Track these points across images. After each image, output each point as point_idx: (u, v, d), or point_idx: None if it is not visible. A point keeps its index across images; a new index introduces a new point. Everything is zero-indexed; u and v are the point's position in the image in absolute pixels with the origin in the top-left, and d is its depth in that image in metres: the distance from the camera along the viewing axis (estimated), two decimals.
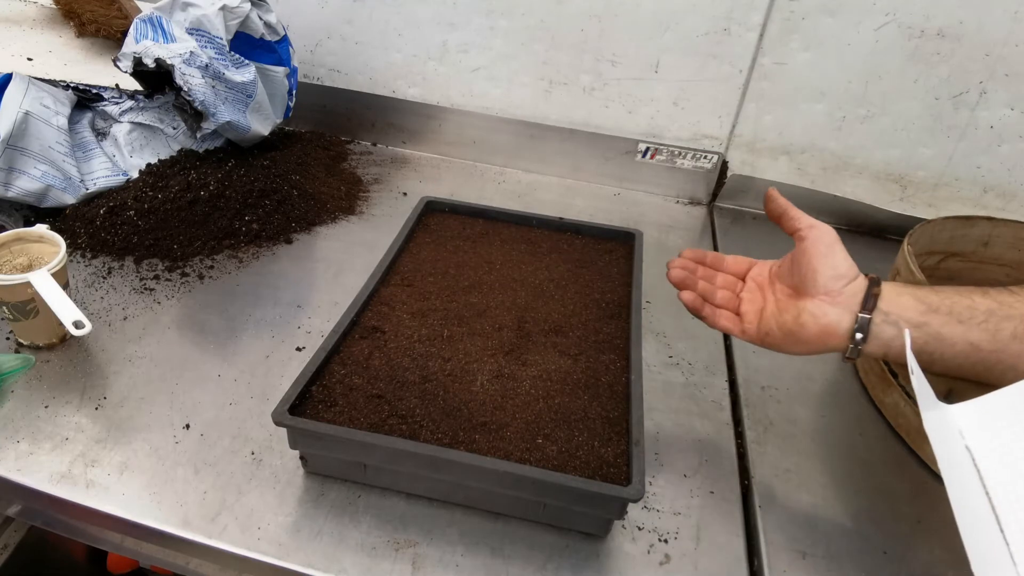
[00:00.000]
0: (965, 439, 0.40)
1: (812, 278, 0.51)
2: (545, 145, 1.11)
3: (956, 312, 0.48)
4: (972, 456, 0.39)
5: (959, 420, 0.41)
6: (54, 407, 0.61)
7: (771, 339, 0.54)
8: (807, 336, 0.51)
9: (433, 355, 0.62)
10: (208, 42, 0.86)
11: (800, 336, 0.52)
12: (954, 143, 0.97)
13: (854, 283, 0.51)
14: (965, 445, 0.39)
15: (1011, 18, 0.87)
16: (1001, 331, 0.47)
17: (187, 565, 0.61)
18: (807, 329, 0.51)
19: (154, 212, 0.82)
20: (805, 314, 0.51)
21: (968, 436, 0.40)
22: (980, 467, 0.39)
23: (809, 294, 0.52)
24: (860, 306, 0.50)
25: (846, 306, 0.50)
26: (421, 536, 0.53)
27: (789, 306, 0.53)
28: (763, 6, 0.93)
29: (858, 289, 0.51)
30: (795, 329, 0.52)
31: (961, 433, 0.40)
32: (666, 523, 0.56)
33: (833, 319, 0.50)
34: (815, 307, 0.51)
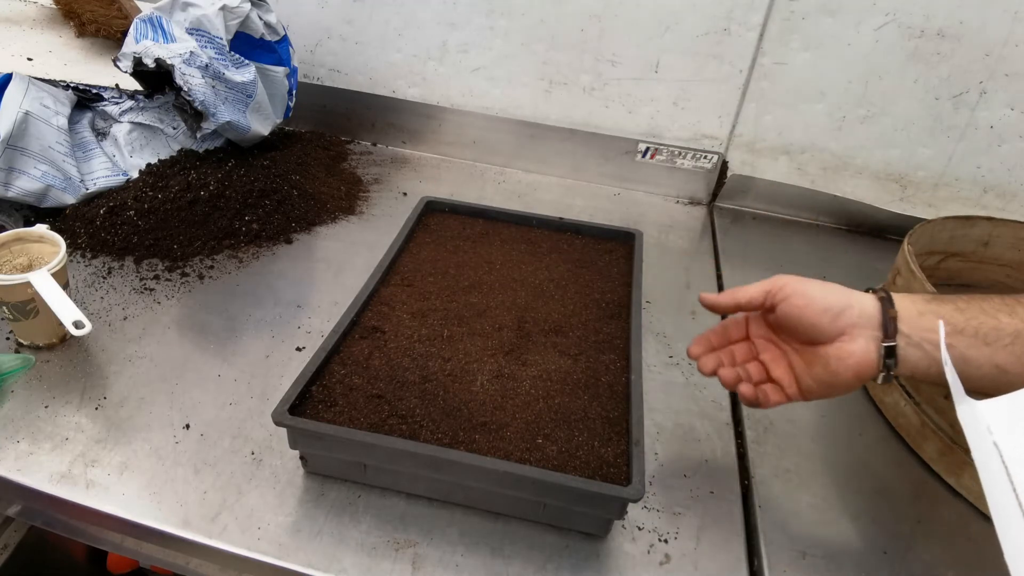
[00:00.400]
0: (993, 435, 0.39)
1: (816, 331, 0.49)
2: (545, 145, 1.11)
3: (982, 334, 0.46)
4: (1000, 452, 0.39)
5: (987, 416, 0.40)
6: (54, 407, 0.61)
7: (814, 394, 0.52)
8: (845, 380, 0.49)
9: (433, 355, 0.62)
10: (208, 42, 0.86)
11: (838, 383, 0.49)
12: (954, 143, 0.97)
13: (862, 307, 0.49)
14: (993, 441, 0.39)
15: (1011, 18, 0.87)
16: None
17: (187, 565, 0.61)
18: (841, 375, 0.49)
19: (154, 212, 0.82)
20: (833, 362, 0.49)
21: (996, 432, 0.39)
22: (1008, 464, 0.38)
23: (824, 342, 0.50)
24: (882, 332, 0.48)
25: (868, 336, 0.48)
26: (421, 536, 0.53)
27: (814, 359, 0.51)
28: (763, 6, 0.93)
29: (871, 311, 0.48)
30: (831, 379, 0.49)
31: (989, 429, 0.39)
32: (666, 523, 0.56)
33: (861, 356, 0.48)
34: (838, 351, 0.49)
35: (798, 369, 0.52)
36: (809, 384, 0.51)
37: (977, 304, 0.47)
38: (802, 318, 0.50)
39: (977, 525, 0.58)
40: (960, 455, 0.60)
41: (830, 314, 0.49)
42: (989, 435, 0.39)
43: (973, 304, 0.47)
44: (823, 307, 0.49)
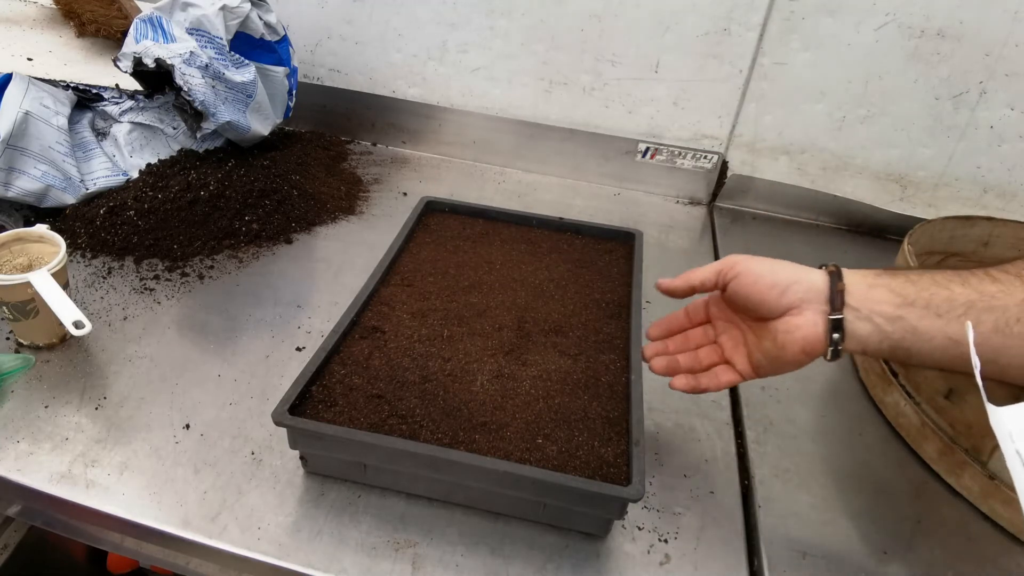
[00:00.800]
0: (1015, 443, 0.39)
1: (765, 307, 0.50)
2: (545, 145, 1.11)
3: (934, 305, 0.45)
4: (1022, 459, 0.38)
5: (1008, 423, 0.40)
6: (54, 407, 0.61)
7: (764, 370, 0.53)
8: (792, 355, 0.50)
9: (433, 355, 0.62)
10: (208, 42, 0.86)
11: (786, 357, 0.50)
12: (954, 143, 0.97)
13: (810, 281, 0.49)
14: (1015, 449, 0.39)
15: (1011, 18, 0.87)
16: (982, 324, 0.44)
17: (187, 565, 0.61)
18: (789, 348, 0.49)
19: (154, 212, 0.82)
20: (780, 335, 0.50)
21: (1018, 440, 0.39)
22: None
23: (774, 318, 0.50)
24: (829, 305, 0.48)
25: (815, 310, 0.49)
26: (421, 536, 0.53)
27: (764, 332, 0.52)
28: (763, 6, 0.93)
29: (820, 285, 0.49)
30: (779, 353, 0.50)
31: (1011, 436, 0.39)
32: (666, 523, 0.56)
33: (809, 329, 0.48)
34: (785, 324, 0.49)
35: (751, 345, 0.53)
36: (759, 359, 0.52)
37: (929, 276, 0.47)
38: (751, 295, 0.51)
39: (977, 525, 0.58)
40: (960, 455, 0.60)
41: (777, 289, 0.49)
42: (1012, 442, 0.39)
43: (925, 276, 0.47)
44: (771, 283, 0.50)
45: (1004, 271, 0.46)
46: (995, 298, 0.44)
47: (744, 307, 0.53)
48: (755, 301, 0.51)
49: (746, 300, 0.51)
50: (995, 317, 0.44)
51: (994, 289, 0.45)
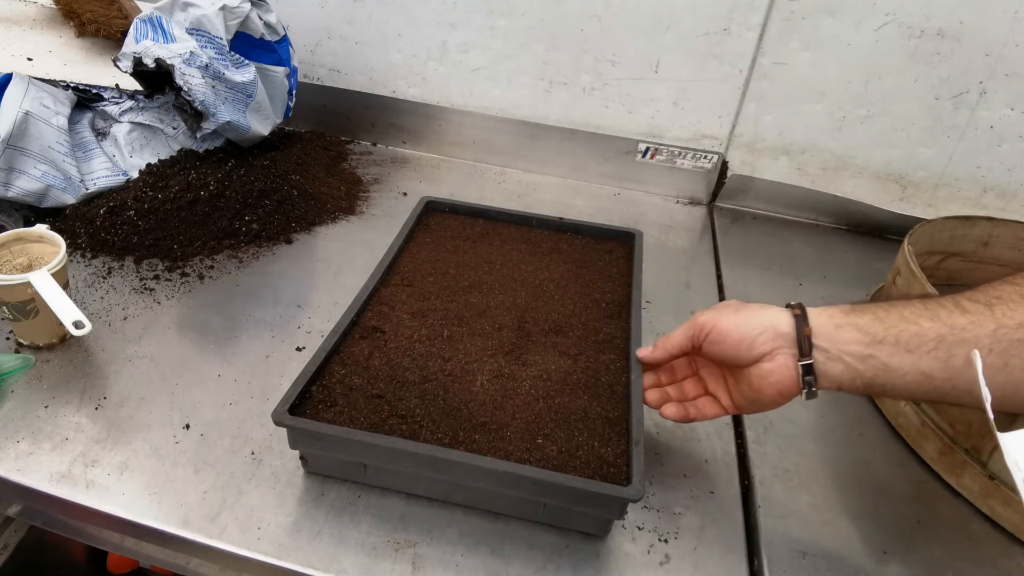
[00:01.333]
0: (1022, 471, 0.38)
1: (738, 360, 0.52)
2: (545, 145, 1.11)
3: (903, 341, 0.45)
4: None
5: (1013, 451, 0.39)
6: (54, 407, 0.61)
7: (745, 409, 0.55)
8: (769, 398, 0.51)
9: (433, 355, 0.62)
10: (208, 42, 0.86)
11: (763, 400, 0.52)
12: (954, 143, 0.97)
13: (776, 329, 0.50)
14: (1022, 478, 0.38)
15: (1011, 18, 0.87)
16: (953, 357, 0.44)
17: (187, 565, 0.61)
18: (765, 392, 0.51)
19: (154, 212, 0.82)
20: (755, 380, 0.51)
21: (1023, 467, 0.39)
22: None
23: (748, 365, 0.52)
24: (798, 350, 0.49)
25: (786, 354, 0.49)
26: (421, 536, 0.53)
27: (741, 377, 0.53)
28: (763, 6, 0.93)
29: (787, 330, 0.49)
30: (755, 396, 0.52)
31: (1017, 465, 0.39)
32: (666, 523, 0.56)
33: (782, 374, 0.49)
34: (759, 370, 0.51)
35: (731, 387, 0.55)
36: (739, 400, 0.54)
37: (897, 312, 0.47)
38: (723, 352, 0.52)
39: (977, 525, 0.59)
40: (960, 455, 0.60)
41: (746, 343, 0.51)
42: (1019, 471, 0.38)
43: (893, 312, 0.47)
44: (739, 338, 0.51)
45: (974, 300, 0.45)
46: (965, 330, 0.44)
47: (719, 361, 0.55)
48: (729, 356, 0.52)
49: (720, 357, 0.53)
50: (966, 351, 0.44)
51: (964, 321, 0.44)
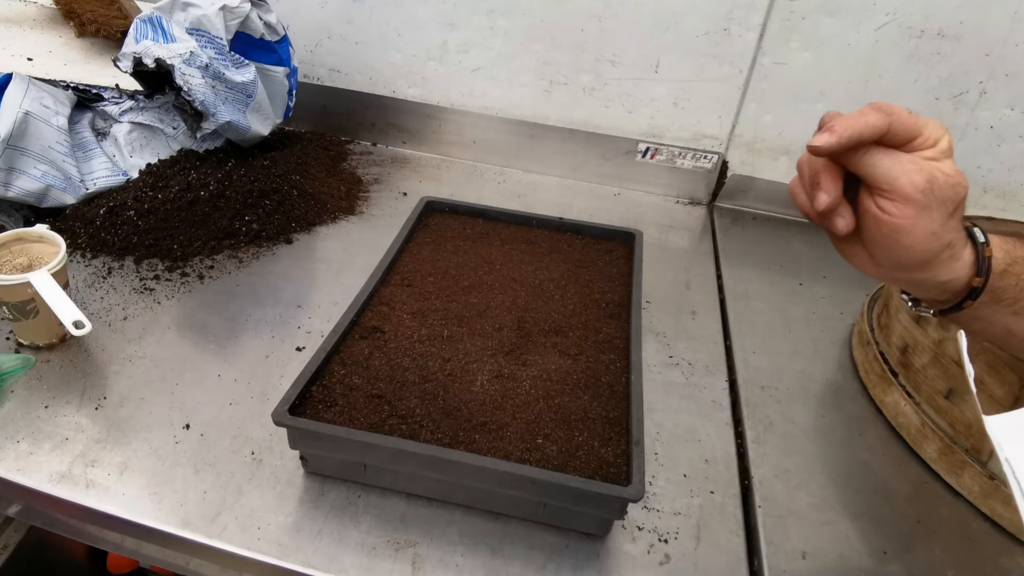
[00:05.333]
0: (1004, 451, 0.39)
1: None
2: (545, 145, 1.11)
3: (1016, 305, 0.41)
4: (1012, 468, 0.38)
5: (996, 433, 0.40)
6: (54, 407, 0.61)
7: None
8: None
9: (433, 355, 0.62)
10: (208, 42, 0.86)
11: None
12: (954, 143, 0.97)
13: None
14: (1005, 457, 0.39)
15: (1011, 18, 0.87)
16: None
17: (187, 565, 0.61)
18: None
19: (154, 212, 0.82)
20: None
21: (1006, 449, 0.39)
22: (1020, 480, 0.38)
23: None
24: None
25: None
26: (421, 536, 0.53)
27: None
28: (763, 6, 0.93)
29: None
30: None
31: (999, 445, 0.39)
32: (666, 523, 0.56)
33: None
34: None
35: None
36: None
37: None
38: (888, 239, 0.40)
39: (977, 525, 0.59)
40: (960, 455, 0.60)
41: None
42: (1001, 451, 0.39)
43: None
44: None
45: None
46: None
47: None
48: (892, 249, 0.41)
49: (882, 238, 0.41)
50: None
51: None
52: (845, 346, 0.79)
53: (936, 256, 0.39)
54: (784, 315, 0.84)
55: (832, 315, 0.84)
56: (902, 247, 0.39)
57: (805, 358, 0.76)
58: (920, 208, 0.38)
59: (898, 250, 0.40)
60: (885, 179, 0.38)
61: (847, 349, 0.79)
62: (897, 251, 0.40)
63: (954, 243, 0.39)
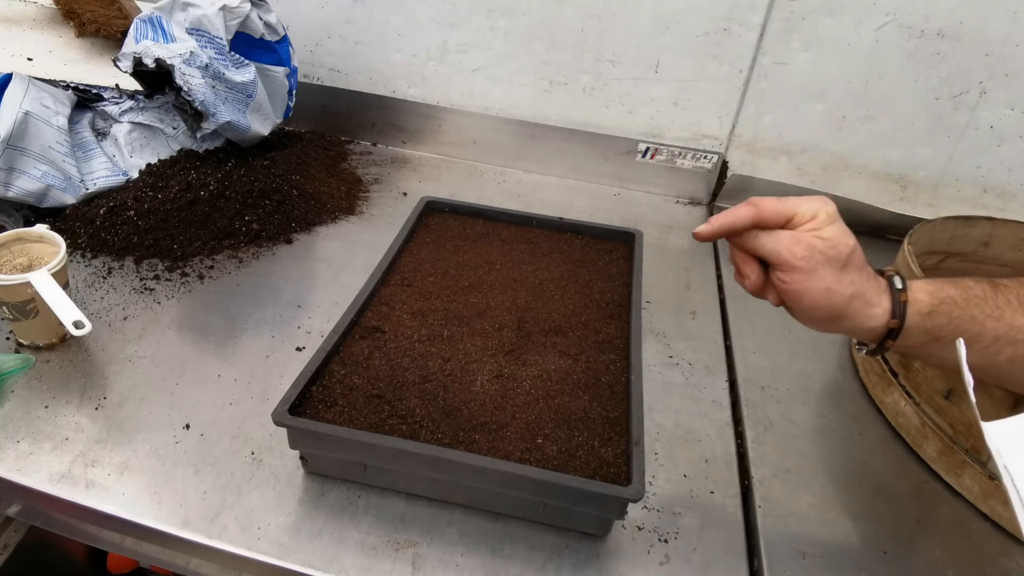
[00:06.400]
0: (1002, 458, 0.39)
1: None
2: (545, 145, 1.11)
3: (959, 335, 0.45)
4: (1010, 475, 0.39)
5: (994, 439, 0.40)
6: (54, 407, 0.61)
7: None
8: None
9: (433, 355, 0.62)
10: (208, 42, 0.86)
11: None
12: (954, 143, 0.97)
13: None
14: (1003, 464, 0.39)
15: (1011, 18, 0.87)
16: (1000, 354, 0.45)
17: (187, 565, 0.61)
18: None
19: (154, 212, 0.82)
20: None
21: (1004, 455, 0.39)
22: (1018, 488, 0.38)
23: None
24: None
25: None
26: (421, 536, 0.53)
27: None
28: (763, 6, 0.93)
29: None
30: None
31: (998, 452, 0.39)
32: (666, 523, 0.56)
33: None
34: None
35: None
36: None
37: (971, 311, 0.45)
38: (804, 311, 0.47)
39: (977, 525, 0.59)
40: (960, 455, 0.60)
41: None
42: (999, 457, 0.39)
43: (967, 309, 0.45)
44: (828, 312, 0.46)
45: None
46: (1021, 331, 0.45)
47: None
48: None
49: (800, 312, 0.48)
50: (1014, 351, 0.45)
51: (1023, 323, 0.45)
52: (845, 346, 0.79)
53: (846, 307, 0.45)
54: (784, 315, 0.82)
55: None
56: (807, 306, 0.46)
57: (805, 358, 0.76)
58: (806, 272, 0.44)
59: (807, 309, 0.46)
60: (772, 255, 0.45)
61: (847, 349, 0.79)
62: (807, 310, 0.46)
63: (862, 293, 0.45)
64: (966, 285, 0.46)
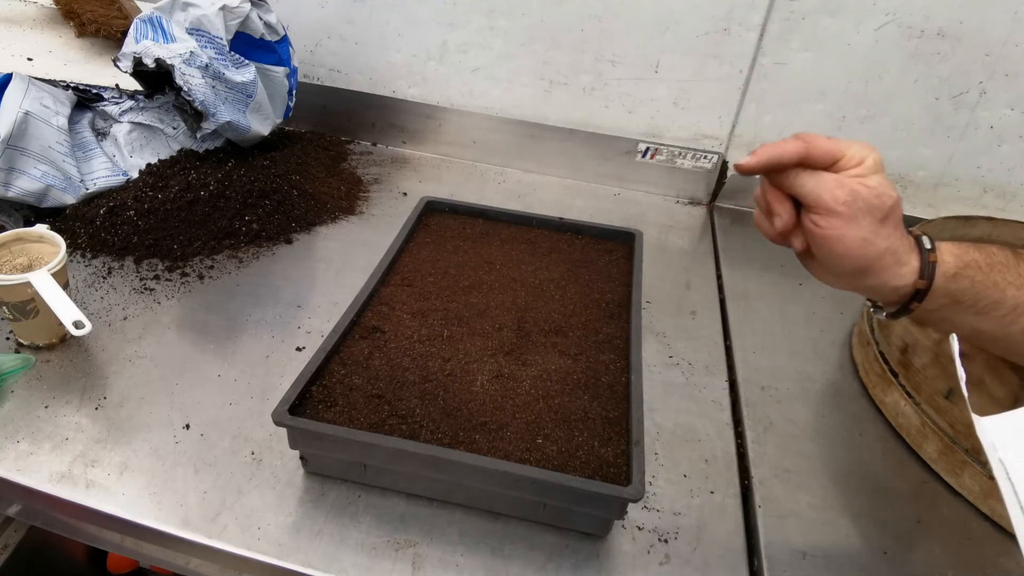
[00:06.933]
0: (998, 452, 0.39)
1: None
2: (545, 145, 1.11)
3: (980, 307, 0.44)
4: (1006, 469, 0.39)
5: (991, 434, 0.40)
6: (54, 407, 0.61)
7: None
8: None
9: (433, 355, 0.62)
10: (208, 42, 0.86)
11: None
12: (954, 143, 0.97)
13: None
14: (999, 458, 0.39)
15: (1011, 18, 0.87)
16: (1016, 323, 0.44)
17: (187, 565, 0.61)
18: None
19: (154, 212, 0.82)
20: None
21: (1000, 449, 0.39)
22: (1014, 483, 0.38)
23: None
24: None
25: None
26: (421, 536, 0.53)
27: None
28: (763, 6, 0.93)
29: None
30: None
31: (994, 446, 0.40)
32: (666, 523, 0.56)
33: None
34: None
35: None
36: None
37: (993, 277, 0.44)
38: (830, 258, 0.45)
39: (977, 525, 0.59)
40: (960, 455, 0.60)
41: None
42: (995, 451, 0.39)
43: (990, 274, 0.45)
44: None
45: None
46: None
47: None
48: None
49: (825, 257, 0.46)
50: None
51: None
52: (845, 346, 0.79)
53: (877, 262, 0.43)
54: (784, 315, 0.84)
55: (832, 315, 0.84)
56: (838, 255, 0.44)
57: (805, 358, 0.76)
58: (846, 219, 0.42)
59: (836, 258, 0.44)
60: (811, 196, 0.43)
61: (847, 349, 0.79)
62: (836, 259, 0.44)
63: (896, 250, 0.44)
64: (990, 251, 0.45)
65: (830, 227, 0.43)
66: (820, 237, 0.44)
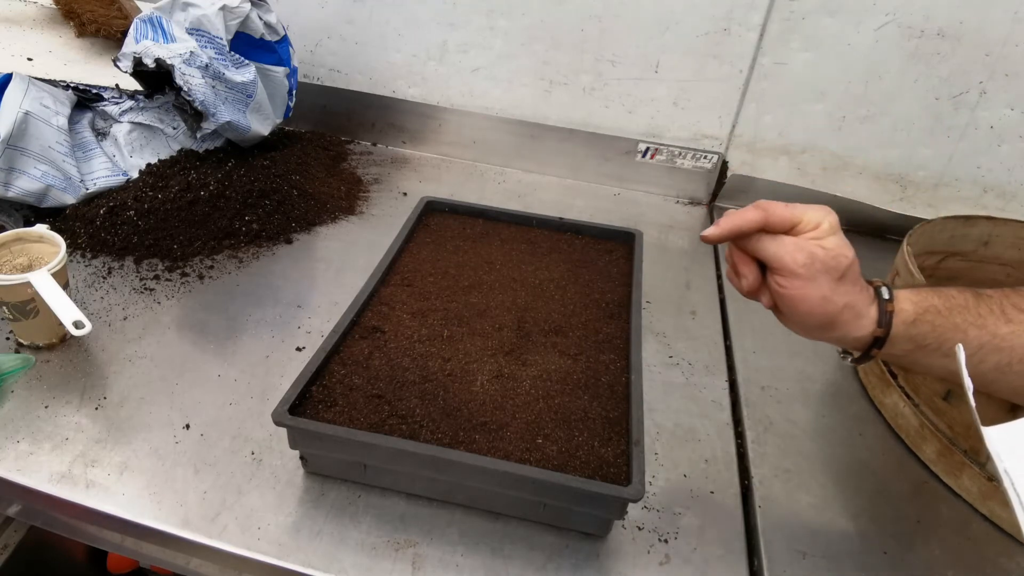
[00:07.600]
0: (1003, 462, 0.39)
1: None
2: (545, 145, 1.11)
3: (944, 349, 0.46)
4: (1010, 479, 0.39)
5: (995, 443, 0.40)
6: (54, 407, 0.61)
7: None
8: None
9: (433, 355, 0.62)
10: (208, 42, 0.86)
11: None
12: (954, 143, 0.97)
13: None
14: (1004, 468, 0.39)
15: (1011, 18, 0.87)
16: (984, 362, 0.46)
17: (187, 565, 0.61)
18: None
19: (154, 212, 0.82)
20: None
21: (1004, 459, 0.40)
22: (1019, 491, 0.39)
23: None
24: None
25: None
26: (421, 536, 0.53)
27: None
28: (763, 6, 0.93)
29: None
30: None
31: (998, 455, 0.40)
32: (666, 523, 0.56)
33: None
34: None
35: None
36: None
37: (953, 319, 0.46)
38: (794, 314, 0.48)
39: (977, 525, 0.59)
40: (959, 456, 0.60)
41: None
42: (1000, 461, 0.39)
43: (950, 318, 0.46)
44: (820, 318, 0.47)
45: (1019, 307, 0.46)
46: (1004, 340, 0.45)
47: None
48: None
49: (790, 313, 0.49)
50: (999, 358, 0.46)
51: (1006, 331, 0.46)
52: None
53: (838, 316, 0.46)
54: None
55: None
56: (802, 313, 0.46)
57: (805, 358, 0.76)
58: (805, 279, 0.45)
59: (800, 315, 0.47)
60: (773, 259, 0.46)
61: None
62: (800, 316, 0.47)
63: (854, 304, 0.46)
64: (949, 294, 0.47)
65: (792, 287, 0.46)
66: (784, 296, 0.47)
